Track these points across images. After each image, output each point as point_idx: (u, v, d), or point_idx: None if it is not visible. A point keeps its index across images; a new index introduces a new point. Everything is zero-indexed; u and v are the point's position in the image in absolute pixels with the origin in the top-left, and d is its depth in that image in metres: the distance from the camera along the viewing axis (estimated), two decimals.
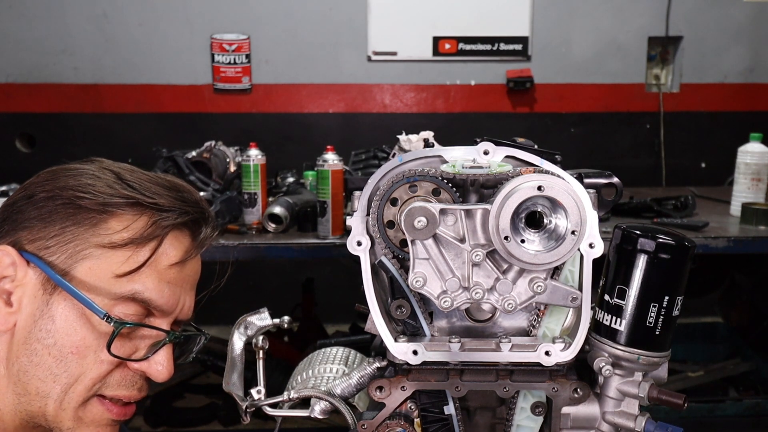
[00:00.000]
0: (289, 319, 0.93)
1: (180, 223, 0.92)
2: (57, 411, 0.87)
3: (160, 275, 0.89)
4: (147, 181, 0.92)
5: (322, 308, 3.77)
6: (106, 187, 0.89)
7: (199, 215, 0.95)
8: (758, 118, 4.48)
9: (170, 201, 0.91)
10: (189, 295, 0.96)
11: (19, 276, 0.86)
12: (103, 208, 0.87)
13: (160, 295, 0.89)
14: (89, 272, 0.86)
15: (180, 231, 0.93)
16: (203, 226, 0.96)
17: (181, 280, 0.93)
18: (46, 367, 0.85)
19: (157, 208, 0.90)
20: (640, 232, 0.80)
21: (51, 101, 4.47)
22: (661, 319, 0.80)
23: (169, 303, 0.91)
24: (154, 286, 0.88)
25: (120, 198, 0.88)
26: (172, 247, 0.91)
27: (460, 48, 4.55)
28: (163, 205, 0.90)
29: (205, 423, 3.30)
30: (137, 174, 0.93)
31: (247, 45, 4.49)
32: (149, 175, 0.95)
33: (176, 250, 0.92)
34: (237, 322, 0.93)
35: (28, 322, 0.86)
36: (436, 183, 0.83)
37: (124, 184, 0.90)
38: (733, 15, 4.58)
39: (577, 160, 4.25)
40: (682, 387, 3.19)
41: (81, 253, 0.86)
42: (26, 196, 0.90)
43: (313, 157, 2.59)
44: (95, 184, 0.88)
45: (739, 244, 2.46)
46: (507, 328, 0.89)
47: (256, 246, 2.40)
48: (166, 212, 0.90)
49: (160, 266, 0.89)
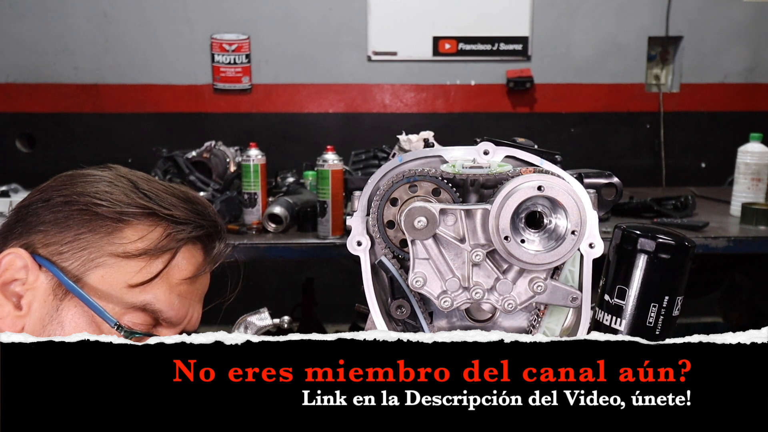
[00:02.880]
0: (289, 319, 0.93)
1: (194, 237, 0.92)
2: None
3: (171, 288, 0.89)
4: (163, 192, 0.92)
5: (322, 308, 3.77)
6: (123, 195, 0.88)
7: (213, 230, 0.95)
8: (758, 118, 4.48)
9: (186, 213, 0.92)
10: (197, 307, 0.96)
11: (30, 279, 0.85)
12: (119, 216, 0.87)
13: (170, 307, 0.89)
14: (102, 280, 0.85)
15: (194, 245, 0.93)
16: (216, 241, 0.96)
17: (191, 293, 0.93)
18: None
19: (173, 220, 0.90)
20: (640, 232, 0.80)
21: (51, 101, 4.47)
22: (661, 319, 0.80)
23: (179, 315, 0.91)
24: (165, 298, 0.88)
25: (136, 207, 0.88)
26: (185, 261, 0.91)
27: (460, 48, 4.55)
28: (178, 218, 0.90)
29: None
30: (153, 183, 0.93)
31: (247, 45, 4.49)
32: (165, 185, 0.95)
33: (189, 264, 0.92)
34: (237, 322, 0.93)
35: (36, 327, 0.85)
36: (436, 183, 0.83)
37: (141, 193, 0.90)
38: (733, 15, 4.58)
39: (577, 160, 4.24)
40: None
41: (95, 261, 0.86)
42: (42, 199, 0.89)
43: (313, 157, 2.59)
44: (112, 192, 0.88)
45: (739, 244, 2.46)
46: (507, 328, 0.89)
47: (256, 246, 2.40)
48: (182, 225, 0.90)
49: (173, 279, 0.90)
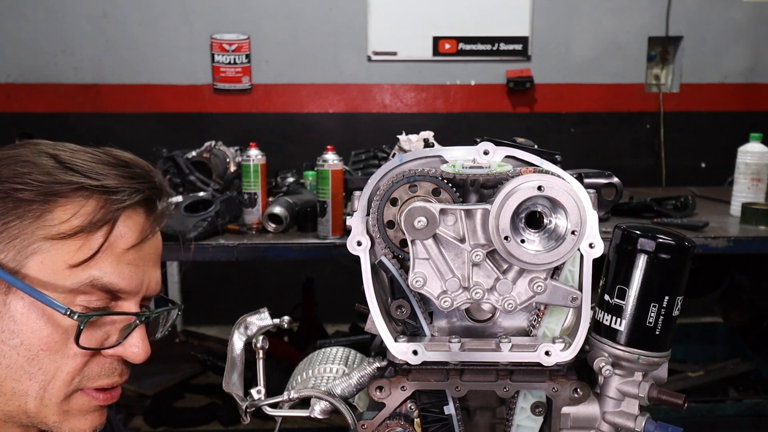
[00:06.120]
0: (289, 319, 0.92)
1: (132, 203, 0.86)
2: (38, 408, 0.84)
3: (118, 258, 0.84)
4: (90, 161, 0.86)
5: (322, 308, 3.77)
6: (44, 174, 0.82)
7: (151, 191, 0.89)
8: (758, 118, 4.48)
9: (118, 181, 0.85)
10: (153, 271, 0.91)
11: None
12: (44, 198, 0.81)
13: (121, 278, 0.84)
14: (41, 267, 0.81)
15: (134, 210, 0.87)
16: (157, 201, 0.90)
17: (141, 259, 0.88)
18: (19, 367, 0.82)
19: (105, 190, 0.84)
20: (640, 232, 0.80)
21: (51, 101, 4.47)
22: (661, 319, 0.80)
23: (133, 284, 0.86)
24: (113, 269, 0.84)
25: (61, 185, 0.82)
26: (127, 228, 0.85)
27: (460, 48, 4.55)
28: (111, 187, 0.84)
29: (205, 423, 3.30)
30: (79, 155, 0.87)
31: (247, 45, 4.49)
32: (92, 154, 0.88)
33: (132, 231, 0.86)
34: (237, 322, 0.93)
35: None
36: (436, 183, 0.83)
37: (65, 167, 0.84)
38: (733, 15, 4.58)
39: (577, 160, 4.24)
40: (682, 387, 3.19)
41: (29, 248, 0.81)
42: None
43: (313, 157, 2.59)
44: (31, 173, 0.82)
45: (739, 244, 2.46)
46: (507, 328, 0.89)
47: (256, 246, 2.40)
48: (116, 193, 0.84)
49: (117, 249, 0.84)
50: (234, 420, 3.24)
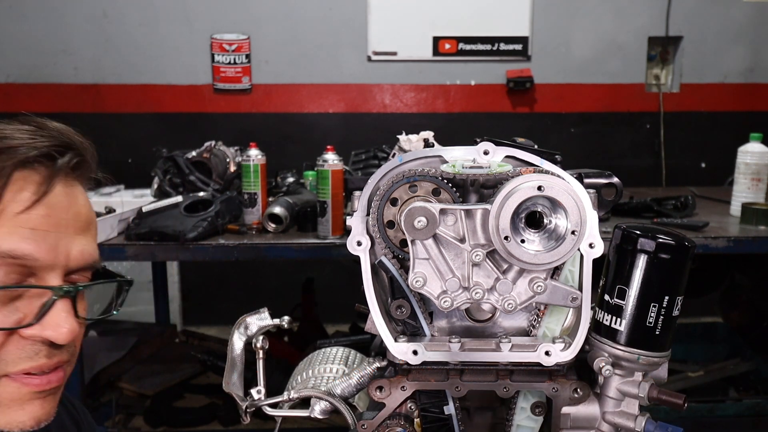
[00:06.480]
0: (289, 319, 0.92)
1: (24, 161, 0.77)
2: None
3: (16, 224, 0.75)
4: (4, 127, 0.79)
5: (322, 308, 3.76)
6: None
7: (52, 147, 0.80)
8: (758, 118, 4.48)
9: (19, 141, 0.78)
10: (74, 239, 0.81)
11: None
12: None
13: (25, 244, 0.75)
14: None
15: (29, 169, 0.78)
16: (60, 156, 0.81)
17: (52, 225, 0.78)
18: None
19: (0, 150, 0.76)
20: (640, 232, 0.80)
21: (51, 101, 4.47)
22: (661, 319, 0.80)
23: (42, 251, 0.76)
24: (12, 234, 0.75)
25: None
26: (21, 190, 0.76)
27: (460, 48, 4.55)
28: (6, 147, 0.77)
29: (205, 423, 3.29)
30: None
31: (247, 45, 4.49)
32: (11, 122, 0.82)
33: (28, 192, 0.77)
34: (237, 322, 0.93)
35: None
36: (436, 183, 0.83)
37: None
38: (733, 15, 4.58)
39: (577, 160, 4.24)
40: (682, 387, 3.19)
41: None
42: None
43: (313, 157, 2.59)
44: None
45: (739, 244, 2.46)
46: (507, 328, 0.89)
47: (256, 246, 2.40)
48: (6, 152, 0.77)
49: (12, 211, 0.75)
50: (234, 420, 3.23)
